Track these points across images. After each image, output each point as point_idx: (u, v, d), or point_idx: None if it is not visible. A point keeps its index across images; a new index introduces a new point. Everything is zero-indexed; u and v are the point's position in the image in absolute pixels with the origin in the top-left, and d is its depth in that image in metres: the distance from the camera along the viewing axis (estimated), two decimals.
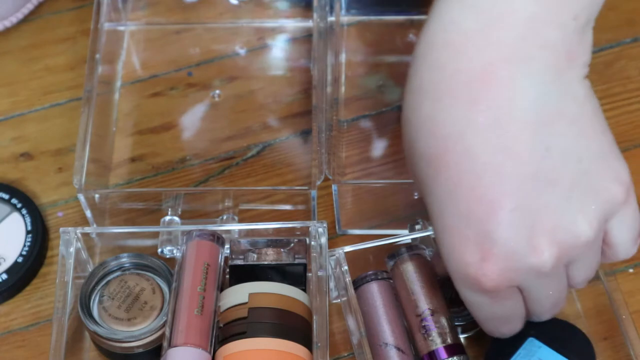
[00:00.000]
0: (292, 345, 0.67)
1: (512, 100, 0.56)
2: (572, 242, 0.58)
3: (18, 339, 0.74)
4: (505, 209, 0.56)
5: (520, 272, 0.58)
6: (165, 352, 0.68)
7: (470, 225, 0.57)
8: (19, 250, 0.76)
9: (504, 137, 0.56)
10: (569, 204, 0.58)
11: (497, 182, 0.56)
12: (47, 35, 0.88)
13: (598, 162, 0.59)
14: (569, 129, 0.57)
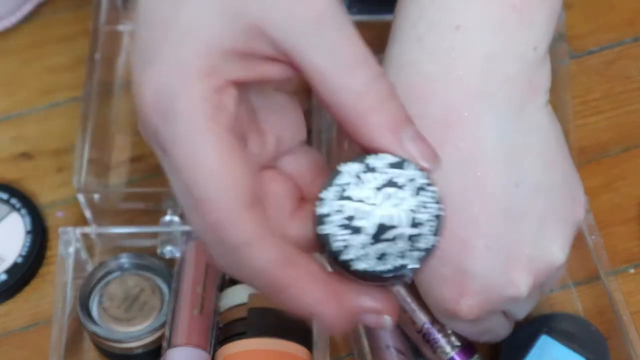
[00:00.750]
0: (292, 346, 0.67)
1: (477, 139, 0.55)
2: (547, 269, 0.58)
3: (17, 340, 0.74)
4: (479, 247, 0.56)
5: (497, 303, 0.59)
6: (165, 353, 0.68)
7: (446, 263, 0.56)
8: (18, 251, 0.76)
9: (473, 177, 0.55)
10: (542, 234, 0.57)
11: (469, 220, 0.55)
12: (46, 35, 0.87)
13: (563, 190, 0.59)
14: (536, 162, 0.57)
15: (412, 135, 0.44)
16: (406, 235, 0.42)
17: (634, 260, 0.75)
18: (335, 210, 0.42)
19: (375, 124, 0.43)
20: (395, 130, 0.44)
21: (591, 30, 0.85)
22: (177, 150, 0.43)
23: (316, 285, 0.43)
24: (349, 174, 0.43)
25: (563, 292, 0.74)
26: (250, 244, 0.42)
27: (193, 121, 0.43)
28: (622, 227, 0.76)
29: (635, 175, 0.79)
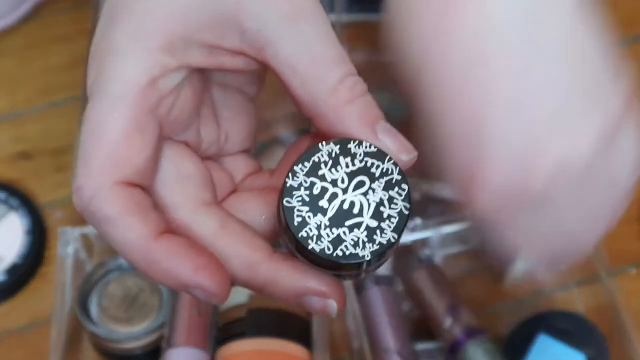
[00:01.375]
0: (291, 346, 0.67)
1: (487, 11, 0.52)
2: (568, 163, 0.53)
3: (17, 340, 0.74)
4: (498, 124, 0.53)
5: (513, 191, 0.54)
6: (164, 353, 0.68)
7: (462, 139, 0.54)
8: (17, 251, 0.76)
9: (491, 47, 0.52)
10: (564, 119, 0.53)
11: (490, 78, 0.52)
12: (45, 35, 0.87)
13: (594, 74, 0.54)
14: (561, 27, 0.53)
15: (387, 129, 0.44)
16: (366, 226, 0.42)
17: (635, 261, 0.75)
18: (303, 185, 0.42)
19: (351, 117, 0.43)
20: (370, 123, 0.44)
21: None
22: (93, 104, 0.43)
23: (194, 256, 0.42)
24: (328, 154, 0.43)
25: (564, 292, 0.74)
26: (116, 221, 0.42)
27: (124, 85, 0.42)
28: (623, 228, 0.76)
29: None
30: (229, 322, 0.69)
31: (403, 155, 0.44)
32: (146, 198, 0.43)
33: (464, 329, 0.69)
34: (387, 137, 0.44)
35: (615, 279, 0.71)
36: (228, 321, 0.69)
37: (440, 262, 0.74)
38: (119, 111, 0.42)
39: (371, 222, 0.42)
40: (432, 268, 0.72)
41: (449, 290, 0.71)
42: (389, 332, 0.69)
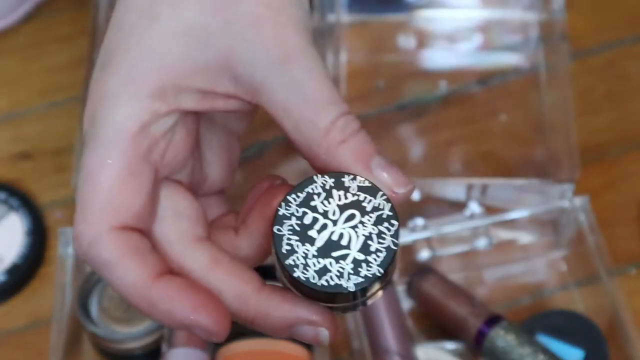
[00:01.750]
0: (291, 346, 0.67)
1: None
2: None
3: (16, 340, 0.74)
4: None
5: None
6: (164, 353, 0.68)
7: None
8: (17, 251, 0.75)
9: None
10: None
11: None
12: (46, 35, 0.87)
13: None
14: None
15: (382, 164, 0.44)
16: (353, 258, 0.42)
17: (635, 261, 0.75)
18: (295, 214, 0.43)
19: (344, 156, 0.44)
20: (364, 160, 0.44)
21: (592, 30, 0.85)
22: (87, 151, 0.43)
23: (191, 296, 0.43)
24: (321, 186, 0.43)
25: (564, 293, 0.74)
26: (115, 266, 0.43)
27: (115, 133, 0.43)
28: (623, 227, 0.76)
29: (637, 175, 0.79)
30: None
31: (399, 189, 0.44)
32: (143, 241, 0.43)
33: (483, 319, 0.69)
34: (381, 171, 0.44)
35: (615, 279, 0.71)
36: None
37: (441, 262, 0.74)
38: (112, 158, 0.43)
39: (358, 254, 0.42)
40: (435, 273, 0.72)
41: (458, 289, 0.72)
42: (389, 332, 0.69)
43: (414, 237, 0.73)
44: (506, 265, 0.76)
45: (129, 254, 0.43)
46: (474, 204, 0.75)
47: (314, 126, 0.44)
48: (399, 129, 0.81)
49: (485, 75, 0.83)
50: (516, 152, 0.80)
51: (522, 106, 0.82)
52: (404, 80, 0.84)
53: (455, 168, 0.79)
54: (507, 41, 0.85)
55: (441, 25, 0.85)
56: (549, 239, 0.76)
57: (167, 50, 0.43)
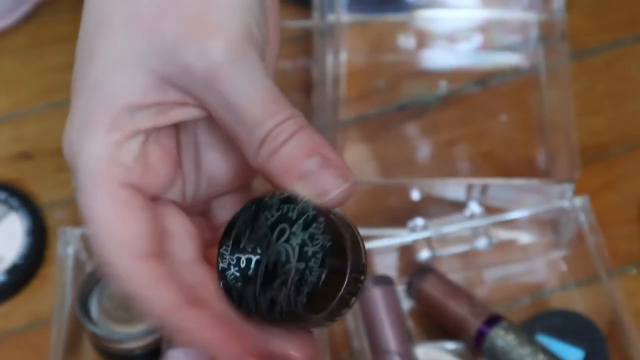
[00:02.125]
0: None
1: None
2: None
3: (16, 340, 0.74)
4: None
5: None
6: (164, 353, 0.68)
7: None
8: (17, 251, 0.75)
9: None
10: None
11: None
12: (46, 35, 0.87)
13: None
14: None
15: (309, 172, 0.43)
16: (294, 270, 0.42)
17: (635, 261, 0.75)
18: (231, 264, 0.43)
19: (274, 172, 0.44)
20: (289, 174, 0.43)
21: (593, 30, 0.85)
22: (79, 201, 0.45)
23: (213, 329, 0.44)
24: (244, 221, 0.44)
25: (564, 293, 0.74)
26: (141, 294, 0.44)
27: (88, 178, 0.44)
28: (623, 227, 0.76)
29: (637, 175, 0.78)
30: None
31: (321, 197, 0.43)
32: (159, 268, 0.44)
33: (483, 319, 0.69)
34: (305, 184, 0.43)
35: (615, 279, 0.70)
36: None
37: (441, 262, 0.74)
38: (97, 197, 0.44)
39: (299, 265, 0.42)
40: (435, 273, 0.72)
41: (458, 289, 0.72)
42: (389, 332, 0.69)
43: (414, 237, 0.73)
44: (506, 265, 0.76)
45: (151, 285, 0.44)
46: (474, 204, 0.75)
47: (248, 145, 0.44)
48: (398, 129, 0.81)
49: (485, 76, 0.83)
50: (516, 152, 0.80)
51: (522, 106, 0.82)
52: (404, 80, 0.84)
53: (455, 168, 0.79)
54: (507, 41, 0.85)
55: (441, 25, 0.85)
56: (549, 239, 0.76)
57: (109, 84, 0.44)
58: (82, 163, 0.45)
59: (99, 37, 0.46)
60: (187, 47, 0.43)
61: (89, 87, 0.45)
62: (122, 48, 0.44)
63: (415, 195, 0.76)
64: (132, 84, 0.44)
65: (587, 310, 0.73)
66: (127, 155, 0.45)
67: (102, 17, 0.46)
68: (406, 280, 0.73)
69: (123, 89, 0.44)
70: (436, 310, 0.72)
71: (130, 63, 0.44)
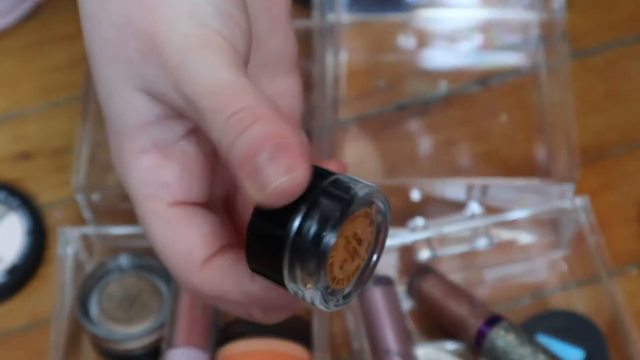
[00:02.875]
0: (291, 346, 0.67)
1: None
2: None
3: (16, 340, 0.74)
4: None
5: None
6: (164, 353, 0.68)
7: None
8: (17, 251, 0.75)
9: None
10: None
11: None
12: (46, 34, 0.87)
13: None
14: None
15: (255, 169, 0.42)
16: None
17: (635, 261, 0.75)
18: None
19: (233, 170, 0.42)
20: (241, 173, 0.42)
21: (593, 30, 0.85)
22: (141, 227, 0.47)
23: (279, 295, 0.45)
24: None
25: (564, 293, 0.74)
26: (222, 296, 0.45)
27: (138, 205, 0.46)
28: (623, 227, 0.76)
29: (637, 175, 0.78)
30: (229, 322, 0.69)
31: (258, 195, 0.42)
32: (227, 258, 0.45)
33: (484, 319, 0.69)
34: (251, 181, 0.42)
35: (615, 279, 0.70)
36: (228, 321, 0.69)
37: (441, 262, 0.74)
38: (149, 221, 0.46)
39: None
40: (435, 273, 0.73)
41: (458, 289, 0.72)
42: (389, 332, 0.69)
43: (414, 237, 0.73)
44: (506, 266, 0.76)
45: (222, 282, 0.45)
46: (474, 204, 0.75)
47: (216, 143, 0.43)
48: (398, 129, 0.81)
49: (485, 75, 0.83)
50: (516, 152, 0.80)
51: (522, 106, 0.82)
52: (404, 80, 0.83)
53: (455, 168, 0.79)
54: (507, 41, 0.85)
55: (441, 25, 0.85)
56: (549, 239, 0.76)
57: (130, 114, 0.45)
58: (130, 191, 0.46)
59: (93, 65, 0.47)
60: (149, 63, 0.44)
61: (115, 121, 0.46)
62: (110, 73, 0.45)
63: (415, 195, 0.76)
64: (131, 105, 0.45)
65: (587, 310, 0.73)
66: (169, 175, 0.46)
67: (88, 44, 0.47)
68: (406, 280, 0.73)
69: (126, 112, 0.45)
70: (436, 310, 0.72)
71: (122, 86, 0.45)
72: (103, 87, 0.46)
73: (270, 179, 0.41)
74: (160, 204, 0.46)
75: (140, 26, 0.44)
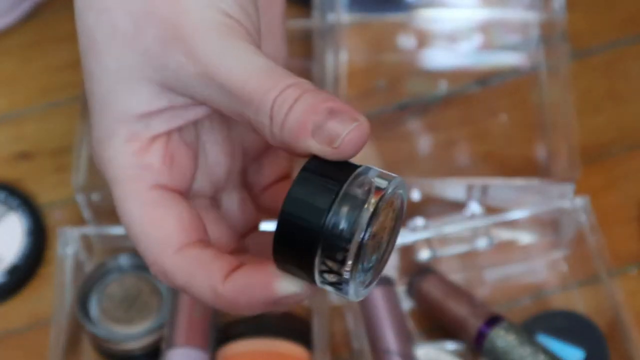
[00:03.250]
0: (291, 346, 0.67)
1: None
2: None
3: (16, 341, 0.74)
4: None
5: None
6: (164, 353, 0.68)
7: None
8: (17, 251, 0.75)
9: None
10: None
11: None
12: (46, 34, 0.87)
13: None
14: None
15: (315, 128, 0.43)
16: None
17: (635, 261, 0.75)
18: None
19: (288, 142, 0.43)
20: (302, 137, 0.43)
21: (593, 30, 0.85)
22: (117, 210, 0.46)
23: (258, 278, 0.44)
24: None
25: (564, 293, 0.74)
26: (190, 285, 0.45)
27: (119, 187, 0.46)
28: (624, 228, 0.76)
29: (637, 175, 0.78)
30: (229, 322, 0.69)
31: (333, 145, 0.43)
32: (201, 252, 0.45)
33: (484, 319, 0.69)
34: (317, 141, 0.43)
35: (616, 279, 0.70)
36: (228, 321, 0.69)
37: (441, 263, 0.74)
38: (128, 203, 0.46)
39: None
40: (435, 273, 0.73)
41: (458, 289, 0.72)
42: (389, 332, 0.69)
43: (414, 237, 0.73)
44: (506, 266, 0.76)
45: (194, 272, 0.45)
46: (474, 204, 0.75)
47: (261, 126, 0.44)
48: (398, 128, 0.81)
49: (485, 75, 0.83)
50: (516, 152, 0.80)
51: (522, 106, 0.82)
52: (404, 80, 0.83)
53: (455, 168, 0.79)
54: (507, 41, 0.85)
55: (441, 25, 0.85)
56: (550, 239, 0.76)
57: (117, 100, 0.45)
58: (111, 174, 0.46)
59: (90, 56, 0.47)
60: (171, 52, 0.44)
61: (99, 104, 0.46)
62: (115, 64, 0.45)
63: (415, 195, 0.76)
64: (136, 96, 0.45)
65: (588, 310, 0.73)
66: (153, 158, 0.46)
67: (89, 35, 0.47)
68: (406, 280, 0.73)
69: (129, 102, 0.45)
70: (436, 310, 0.72)
71: (128, 77, 0.45)
72: (103, 77, 0.46)
73: (338, 130, 0.43)
74: (143, 185, 0.46)
75: (162, 16, 0.44)
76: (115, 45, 0.45)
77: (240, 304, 0.44)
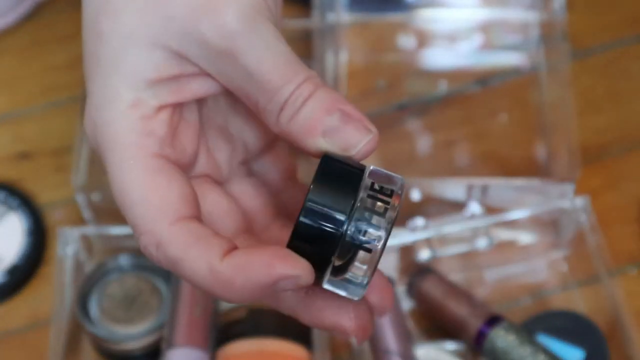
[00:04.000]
0: (291, 346, 0.67)
1: None
2: None
3: (16, 341, 0.74)
4: None
5: None
6: (164, 353, 0.68)
7: None
8: (17, 251, 0.75)
9: None
10: None
11: None
12: (46, 34, 0.87)
13: None
14: None
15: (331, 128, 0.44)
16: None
17: (635, 261, 0.75)
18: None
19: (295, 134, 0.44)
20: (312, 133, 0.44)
21: (593, 30, 0.85)
22: (110, 176, 0.45)
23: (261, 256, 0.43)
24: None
25: (564, 293, 0.74)
26: (185, 258, 0.43)
27: (120, 151, 0.44)
28: (623, 228, 0.76)
29: (637, 175, 0.78)
30: (229, 322, 0.69)
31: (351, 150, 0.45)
32: (200, 227, 0.44)
33: (484, 319, 0.69)
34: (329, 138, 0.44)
35: (616, 279, 0.70)
36: (228, 321, 0.69)
37: (441, 263, 0.74)
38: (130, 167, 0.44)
39: None
40: (435, 273, 0.73)
41: (458, 289, 0.72)
42: (389, 332, 0.69)
43: (414, 237, 0.73)
44: (506, 266, 0.76)
45: (192, 244, 0.43)
46: (474, 204, 0.75)
47: (268, 112, 0.44)
48: (398, 128, 0.81)
49: (485, 75, 0.83)
50: (516, 152, 0.80)
51: (522, 106, 0.82)
52: (404, 80, 0.84)
53: (455, 168, 0.79)
54: (507, 41, 0.85)
55: (441, 25, 0.85)
56: (550, 239, 0.76)
57: (125, 63, 0.44)
58: (111, 137, 0.44)
59: (105, 17, 0.45)
60: (200, 21, 0.43)
61: (105, 67, 0.45)
62: (131, 25, 0.44)
63: (415, 195, 0.76)
64: (148, 60, 0.44)
65: (588, 310, 0.73)
66: (159, 126, 0.45)
67: None
68: (406, 280, 0.73)
69: (140, 66, 0.44)
70: (436, 310, 0.72)
71: (143, 39, 0.44)
72: (114, 37, 0.44)
73: (353, 139, 0.45)
74: (146, 152, 0.44)
75: None
76: (136, 6, 0.44)
77: (236, 284, 0.42)
